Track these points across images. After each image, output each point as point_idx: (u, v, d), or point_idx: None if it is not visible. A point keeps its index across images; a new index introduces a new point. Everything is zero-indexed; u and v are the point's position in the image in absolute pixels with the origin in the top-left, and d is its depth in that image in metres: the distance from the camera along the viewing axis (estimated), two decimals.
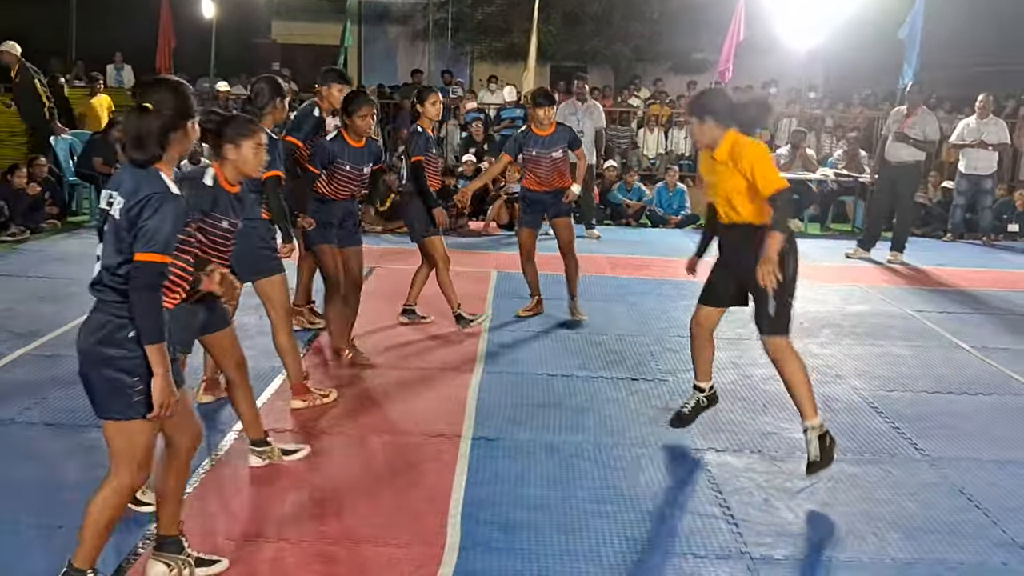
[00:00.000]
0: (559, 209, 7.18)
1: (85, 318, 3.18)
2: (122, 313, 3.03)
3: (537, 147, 6.99)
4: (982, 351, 6.79)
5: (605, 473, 4.51)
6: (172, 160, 3.13)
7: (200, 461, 4.43)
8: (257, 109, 5.22)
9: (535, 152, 7.00)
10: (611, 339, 6.84)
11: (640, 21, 21.28)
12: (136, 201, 2.98)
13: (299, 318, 6.72)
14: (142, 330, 3.01)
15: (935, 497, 4.37)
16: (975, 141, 11.90)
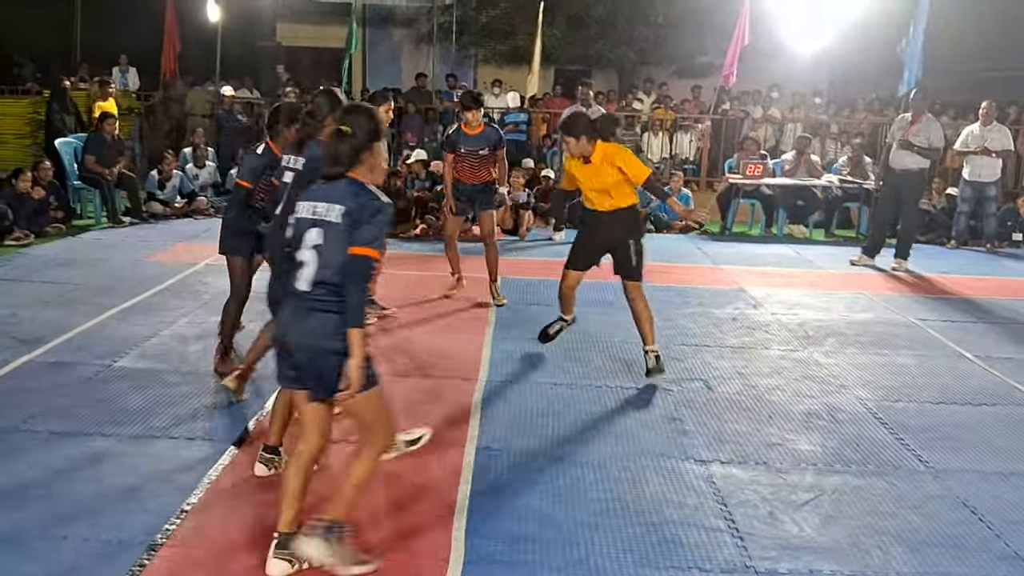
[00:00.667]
0: (485, 202, 7.93)
1: (294, 317, 3.54)
2: (340, 308, 3.46)
3: (466, 144, 7.78)
4: (986, 361, 6.79)
5: (610, 485, 4.51)
6: (365, 174, 3.57)
7: (207, 470, 4.45)
8: (317, 122, 5.27)
9: (463, 149, 7.79)
10: (615, 347, 6.84)
11: (645, 24, 21.24)
12: (359, 207, 3.46)
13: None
14: (354, 316, 3.45)
15: (939, 510, 4.37)
16: (979, 148, 11.91)
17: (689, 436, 5.19)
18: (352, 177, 3.53)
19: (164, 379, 5.74)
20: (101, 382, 5.66)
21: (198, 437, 4.87)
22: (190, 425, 5.03)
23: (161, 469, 4.49)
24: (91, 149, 11.75)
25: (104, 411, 5.17)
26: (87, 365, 5.92)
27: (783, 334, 7.43)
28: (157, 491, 4.24)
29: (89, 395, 5.42)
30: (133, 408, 5.23)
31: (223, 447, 4.75)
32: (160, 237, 10.69)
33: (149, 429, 4.96)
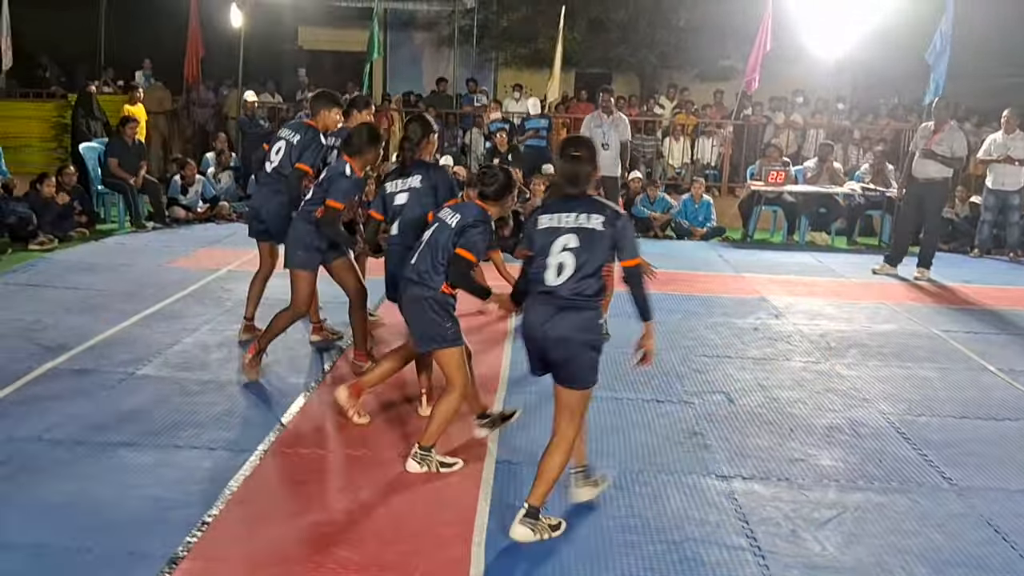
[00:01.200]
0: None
1: (548, 315, 4.03)
2: (593, 305, 4.04)
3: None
4: (1009, 374, 6.73)
5: (631, 500, 4.49)
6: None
7: (229, 480, 4.47)
8: (414, 146, 5.54)
9: None
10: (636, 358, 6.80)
11: (666, 29, 21.22)
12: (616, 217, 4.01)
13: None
14: (642, 310, 4.26)
15: (962, 528, 4.33)
16: (1002, 156, 11.81)
17: (710, 451, 5.17)
18: (590, 195, 4.11)
19: (186, 388, 5.76)
20: (124, 390, 5.69)
21: (219, 447, 4.89)
22: (212, 435, 5.05)
23: (183, 479, 4.51)
24: (112, 153, 11.82)
25: (126, 420, 5.20)
26: (110, 373, 5.96)
27: (805, 345, 7.39)
28: (179, 502, 4.26)
29: (112, 404, 5.45)
30: (155, 417, 5.26)
31: (244, 457, 4.76)
32: (182, 242, 10.75)
33: (171, 438, 4.98)
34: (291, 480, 4.56)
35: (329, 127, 6.57)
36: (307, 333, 6.92)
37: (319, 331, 6.93)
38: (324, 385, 5.93)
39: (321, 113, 6.56)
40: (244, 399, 5.62)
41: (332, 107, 6.59)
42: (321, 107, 6.58)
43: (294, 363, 6.37)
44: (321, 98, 6.68)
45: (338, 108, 6.64)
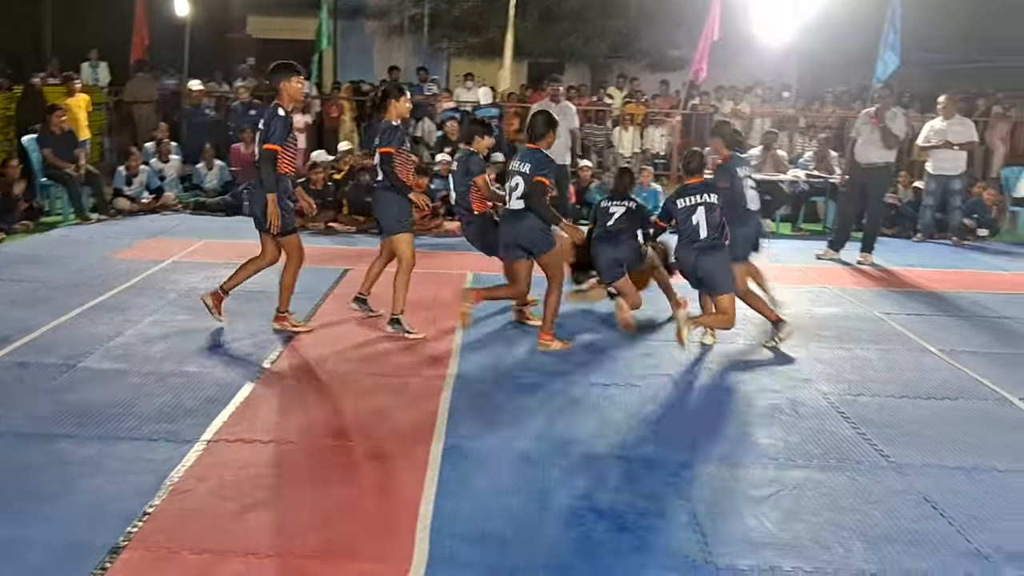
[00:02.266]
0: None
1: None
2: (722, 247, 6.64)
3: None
4: (950, 355, 6.87)
5: (576, 481, 4.53)
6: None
7: (169, 472, 4.43)
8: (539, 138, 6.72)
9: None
10: (584, 342, 6.87)
11: (617, 18, 21.31)
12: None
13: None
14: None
15: (900, 505, 4.42)
16: (940, 142, 12.00)
17: (655, 432, 5.23)
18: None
19: (128, 380, 5.70)
20: (66, 383, 5.61)
21: (161, 438, 4.84)
22: (154, 426, 5.00)
23: (124, 471, 4.46)
24: (43, 144, 11.59)
25: (68, 412, 5.13)
26: (52, 366, 5.87)
27: (749, 328, 7.47)
28: (120, 493, 4.22)
29: (53, 396, 5.38)
30: (97, 409, 5.19)
31: (186, 448, 4.73)
32: (127, 234, 10.61)
33: (112, 430, 4.93)
34: (234, 470, 4.52)
35: (294, 97, 6.56)
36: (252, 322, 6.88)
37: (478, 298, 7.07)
38: (270, 374, 5.90)
39: (281, 86, 6.49)
40: (187, 390, 5.56)
41: (291, 76, 6.50)
42: (279, 79, 6.50)
43: (238, 353, 6.33)
44: (277, 70, 6.58)
45: (297, 76, 6.53)
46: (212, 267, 8.84)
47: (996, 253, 11.80)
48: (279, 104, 6.45)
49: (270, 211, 6.43)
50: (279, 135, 6.39)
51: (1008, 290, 9.38)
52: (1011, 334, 7.64)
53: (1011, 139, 17.83)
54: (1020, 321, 8.02)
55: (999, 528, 4.20)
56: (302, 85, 6.62)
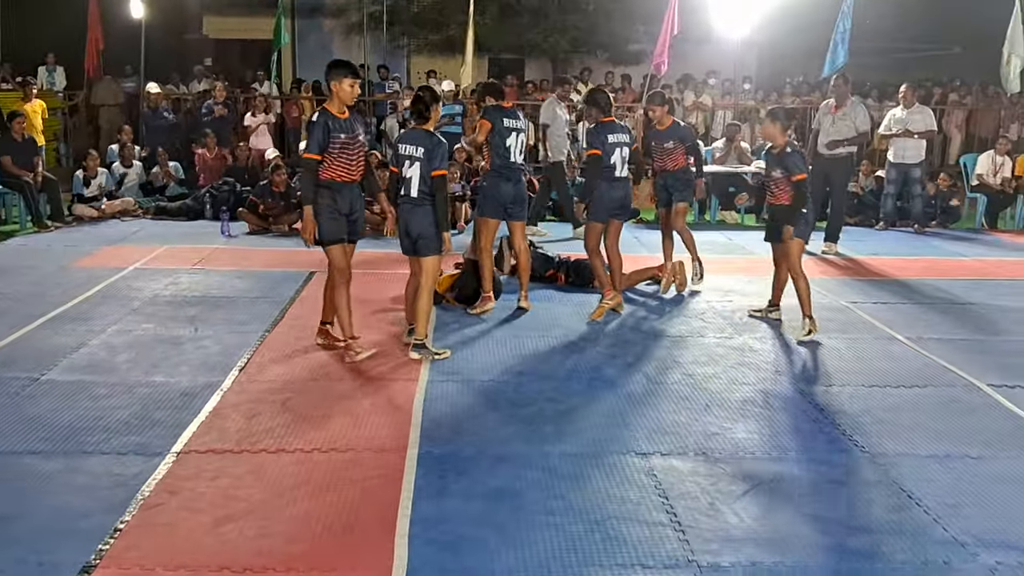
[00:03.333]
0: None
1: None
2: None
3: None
4: (917, 342, 6.92)
5: (553, 483, 4.49)
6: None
7: (140, 486, 4.34)
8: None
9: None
10: (557, 341, 6.84)
11: (577, 13, 21.30)
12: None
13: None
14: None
15: (877, 495, 4.44)
16: (901, 131, 12.10)
17: (630, 428, 5.21)
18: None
19: (93, 391, 5.58)
20: (29, 397, 5.49)
21: (129, 451, 4.74)
22: (121, 439, 4.89)
23: (92, 486, 4.36)
24: (2, 151, 11.38)
25: (33, 427, 5.01)
26: (14, 379, 5.74)
27: (718, 322, 7.50)
28: (89, 510, 4.12)
29: (17, 411, 5.26)
30: (62, 424, 5.08)
31: (156, 461, 4.63)
32: (87, 241, 10.42)
33: (80, 445, 4.82)
34: (205, 481, 4.43)
35: (345, 101, 6.04)
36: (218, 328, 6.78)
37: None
38: (239, 383, 5.81)
39: (332, 87, 6.00)
40: (154, 401, 5.46)
41: (344, 76, 5.99)
42: (331, 79, 6.00)
43: (206, 361, 6.23)
44: (329, 69, 6.06)
45: (352, 78, 6.01)
46: (175, 273, 8.72)
47: (956, 239, 11.96)
48: (325, 108, 6.04)
49: (304, 221, 6.12)
50: (316, 141, 5.96)
51: (969, 276, 9.48)
52: (975, 320, 7.72)
53: (966, 127, 18.09)
54: (983, 307, 8.11)
55: (974, 515, 4.22)
56: (354, 88, 6.08)
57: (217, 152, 13.35)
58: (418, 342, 6.33)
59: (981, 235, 12.39)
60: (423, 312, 6.33)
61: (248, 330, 6.92)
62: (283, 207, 11.17)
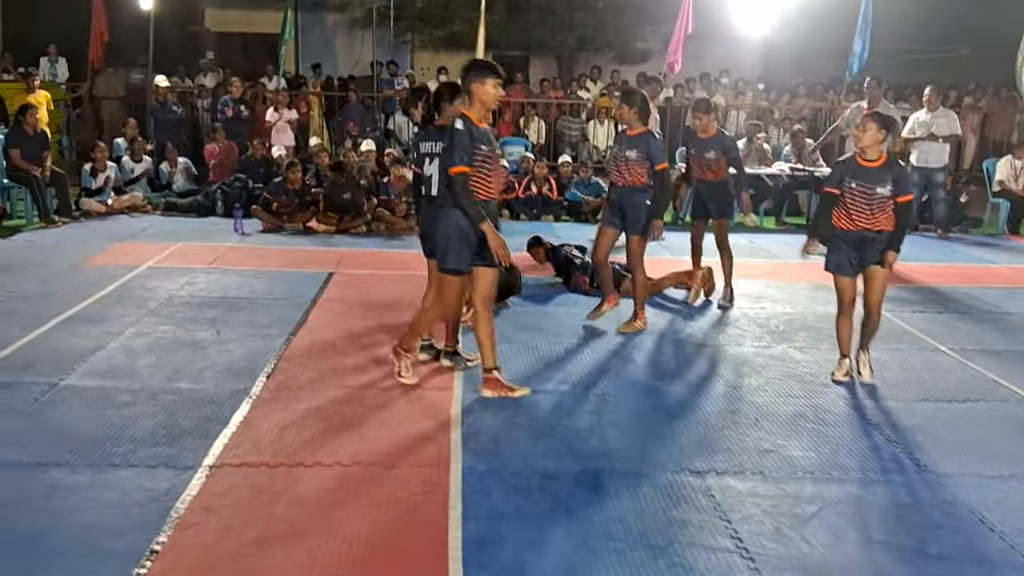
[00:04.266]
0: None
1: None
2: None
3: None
4: (961, 354, 6.72)
5: (608, 503, 4.27)
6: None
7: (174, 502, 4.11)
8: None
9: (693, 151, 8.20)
10: (591, 350, 6.62)
11: (585, 11, 21.06)
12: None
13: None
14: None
15: (947, 519, 4.22)
16: (925, 134, 11.92)
17: (679, 444, 5.00)
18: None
19: (116, 398, 5.34)
20: (49, 404, 5.24)
21: (160, 464, 4.51)
22: (150, 450, 4.66)
23: (124, 502, 4.12)
24: (13, 144, 11.12)
25: (55, 437, 4.77)
26: (32, 384, 5.49)
27: (754, 329, 7.30)
28: (122, 528, 3.88)
29: (38, 419, 5.02)
30: (87, 433, 4.84)
31: (188, 475, 4.39)
32: (96, 237, 10.16)
33: (106, 456, 4.58)
34: (243, 498, 4.20)
35: (488, 104, 5.39)
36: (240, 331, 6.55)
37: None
38: (267, 390, 5.57)
39: (472, 88, 5.29)
40: (180, 409, 5.22)
41: (486, 77, 5.30)
42: (470, 81, 5.30)
43: (230, 365, 5.99)
44: (468, 70, 5.36)
45: (495, 78, 5.29)
46: (190, 272, 8.48)
47: (980, 245, 11.77)
48: (464, 114, 5.32)
49: (492, 243, 5.31)
50: (466, 152, 5.23)
51: (1002, 284, 9.27)
52: (1016, 330, 7.53)
53: (981, 130, 17.91)
54: (1022, 317, 7.91)
55: None
56: (498, 89, 5.39)
57: (226, 147, 13.10)
58: (449, 349, 6.08)
59: (1005, 241, 12.20)
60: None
61: (272, 333, 6.69)
62: (297, 205, 10.93)
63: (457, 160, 5.23)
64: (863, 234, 5.89)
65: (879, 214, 5.81)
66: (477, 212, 5.27)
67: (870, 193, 5.77)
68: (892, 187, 5.77)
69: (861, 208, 5.82)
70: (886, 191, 5.76)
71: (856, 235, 5.91)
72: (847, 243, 5.97)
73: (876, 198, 5.77)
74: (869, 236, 5.88)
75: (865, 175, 5.80)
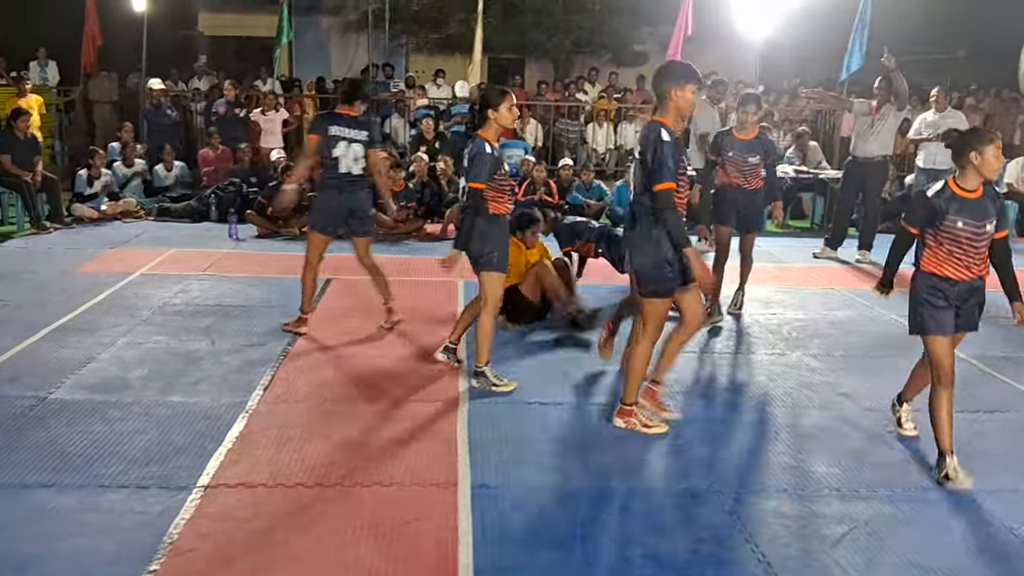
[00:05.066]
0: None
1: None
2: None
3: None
4: (983, 361, 6.50)
5: (628, 524, 4.04)
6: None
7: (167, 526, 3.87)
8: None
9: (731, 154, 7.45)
10: (596, 358, 6.39)
11: (581, 12, 20.86)
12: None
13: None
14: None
15: (988, 541, 4.00)
16: (933, 135, 11.70)
17: (696, 459, 4.78)
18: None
19: (106, 413, 5.10)
20: (36, 419, 5.00)
21: (152, 484, 4.27)
22: (142, 469, 4.42)
23: (115, 526, 3.89)
24: (3, 149, 10.84)
25: (42, 455, 4.53)
26: (19, 399, 5.25)
27: (766, 336, 7.07)
28: (114, 555, 3.65)
29: (23, 435, 4.77)
30: (75, 451, 4.59)
31: (182, 496, 4.16)
32: (89, 244, 9.90)
33: (95, 476, 4.33)
34: (240, 522, 3.96)
35: (684, 111, 4.91)
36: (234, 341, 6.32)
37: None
38: (264, 403, 5.33)
39: (672, 94, 4.81)
40: (173, 425, 4.97)
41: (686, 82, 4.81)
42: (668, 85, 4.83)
43: (225, 378, 5.75)
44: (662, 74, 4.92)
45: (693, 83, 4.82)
46: (184, 280, 8.23)
47: None
48: (661, 122, 4.82)
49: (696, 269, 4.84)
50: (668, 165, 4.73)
51: None
52: None
53: None
54: None
55: None
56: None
57: (221, 152, 12.86)
58: (479, 370, 5.73)
59: (1014, 244, 11.92)
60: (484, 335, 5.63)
61: (268, 343, 6.46)
62: (293, 210, 10.66)
63: (666, 176, 4.72)
64: (973, 283, 4.68)
65: (984, 257, 4.66)
66: (683, 234, 4.82)
67: (979, 232, 4.55)
68: (995, 222, 4.60)
69: (969, 252, 4.58)
70: (992, 228, 4.58)
71: (966, 287, 4.67)
72: (950, 297, 4.72)
73: (984, 237, 4.57)
74: (976, 286, 4.70)
75: (971, 211, 4.54)
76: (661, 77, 4.88)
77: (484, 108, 5.44)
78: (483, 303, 5.65)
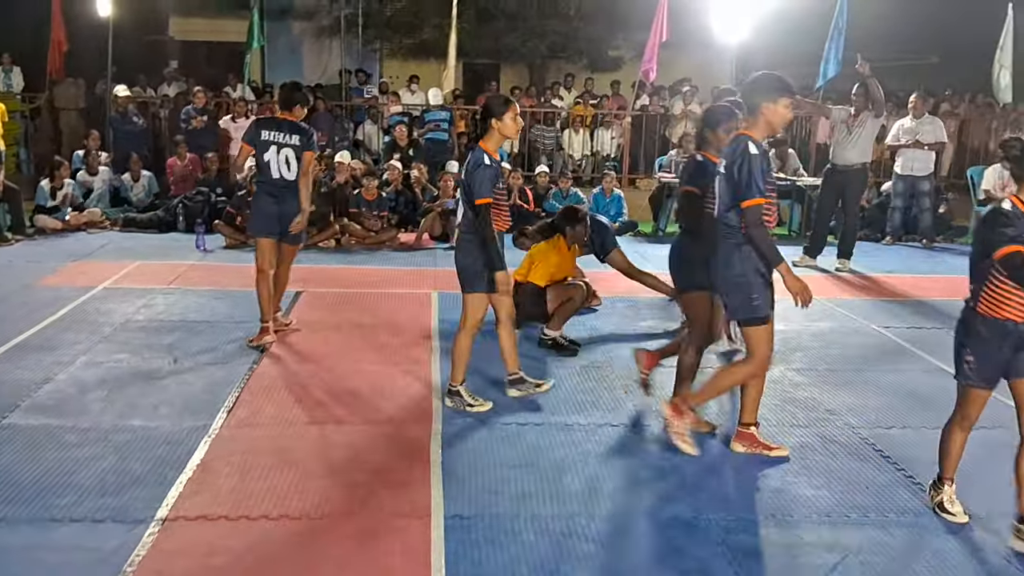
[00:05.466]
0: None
1: None
2: None
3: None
4: None
5: (607, 556, 3.85)
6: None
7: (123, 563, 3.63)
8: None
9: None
10: (576, 372, 6.21)
11: (557, 18, 20.72)
12: None
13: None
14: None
15: (986, 571, 3.83)
16: (910, 142, 11.63)
17: (677, 483, 4.60)
18: None
19: (61, 439, 4.85)
20: None
21: (107, 517, 4.03)
22: (96, 501, 4.18)
23: (66, 564, 3.65)
24: None
25: None
26: None
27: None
28: None
29: None
30: (26, 481, 4.34)
31: (139, 530, 3.92)
32: (51, 256, 9.61)
33: (47, 509, 4.09)
34: (198, 558, 3.73)
35: (776, 127, 4.70)
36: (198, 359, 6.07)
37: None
38: (228, 427, 5.10)
39: (763, 109, 4.58)
40: (132, 451, 4.73)
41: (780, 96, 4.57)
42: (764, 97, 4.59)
43: (189, 400, 5.51)
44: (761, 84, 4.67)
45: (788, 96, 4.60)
46: (148, 294, 7.97)
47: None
48: (748, 135, 4.56)
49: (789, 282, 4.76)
50: (757, 180, 4.48)
51: None
52: None
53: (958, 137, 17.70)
54: None
55: None
56: (788, 109, 4.64)
57: (189, 160, 12.58)
58: (453, 389, 5.53)
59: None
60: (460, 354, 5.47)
61: (233, 361, 6.23)
62: None
63: (754, 192, 4.46)
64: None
65: None
66: (774, 251, 4.66)
67: None
68: None
69: None
70: None
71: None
72: (1008, 341, 4.17)
73: None
74: None
75: None
76: (752, 90, 4.65)
77: (487, 117, 5.27)
78: (462, 322, 5.46)
